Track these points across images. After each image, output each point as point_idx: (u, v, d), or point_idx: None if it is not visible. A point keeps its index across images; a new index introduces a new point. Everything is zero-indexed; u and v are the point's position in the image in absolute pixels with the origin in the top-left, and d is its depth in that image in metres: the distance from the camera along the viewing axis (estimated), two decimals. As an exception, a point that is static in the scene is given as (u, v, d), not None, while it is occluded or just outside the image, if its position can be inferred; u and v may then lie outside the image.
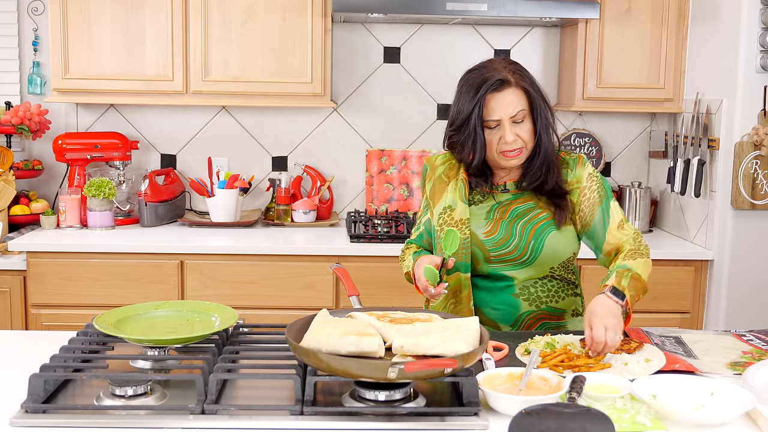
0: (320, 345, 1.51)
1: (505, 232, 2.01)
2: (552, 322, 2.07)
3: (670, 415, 1.46)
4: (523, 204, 2.04)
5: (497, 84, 1.93)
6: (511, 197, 2.05)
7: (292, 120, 3.72)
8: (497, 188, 2.07)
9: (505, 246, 2.01)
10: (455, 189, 2.07)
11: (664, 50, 3.38)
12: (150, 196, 3.41)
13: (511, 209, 2.04)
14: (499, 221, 2.03)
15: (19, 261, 3.11)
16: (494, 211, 2.04)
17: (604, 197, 2.03)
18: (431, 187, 2.14)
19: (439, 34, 3.69)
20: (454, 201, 2.05)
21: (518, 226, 2.01)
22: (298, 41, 3.32)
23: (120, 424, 1.42)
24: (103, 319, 1.76)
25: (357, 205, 3.79)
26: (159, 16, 3.28)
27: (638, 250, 1.95)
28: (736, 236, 3.09)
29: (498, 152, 1.97)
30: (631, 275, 1.85)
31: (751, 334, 2.03)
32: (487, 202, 2.06)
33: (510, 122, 1.94)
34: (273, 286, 3.13)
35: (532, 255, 2.00)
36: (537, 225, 2.00)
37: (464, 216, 2.03)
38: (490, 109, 1.94)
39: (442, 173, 2.12)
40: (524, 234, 2.00)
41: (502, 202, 2.05)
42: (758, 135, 2.99)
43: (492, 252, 2.01)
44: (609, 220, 2.01)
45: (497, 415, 1.48)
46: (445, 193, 2.09)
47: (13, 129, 3.40)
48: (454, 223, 2.03)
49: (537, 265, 2.01)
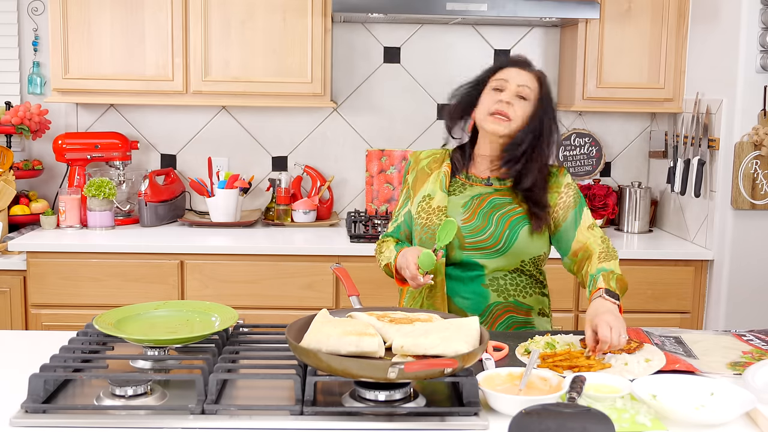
0: (320, 345, 1.51)
1: (482, 221, 2.06)
2: (519, 316, 2.10)
3: (670, 415, 1.46)
4: (502, 197, 2.09)
5: (520, 62, 2.09)
6: (491, 191, 2.10)
7: (292, 120, 3.72)
8: (481, 181, 2.12)
9: (481, 233, 2.05)
10: (436, 180, 2.14)
11: (664, 50, 3.38)
12: (150, 196, 3.41)
13: (489, 200, 2.09)
14: (476, 210, 2.08)
15: (19, 261, 3.11)
16: (473, 201, 2.10)
17: (578, 203, 2.10)
18: (413, 178, 2.20)
19: (439, 34, 3.69)
20: (434, 190, 2.12)
21: (495, 216, 2.06)
22: (298, 41, 3.32)
23: (120, 424, 1.42)
24: (103, 319, 1.76)
25: (357, 205, 3.79)
26: (159, 16, 3.28)
27: (608, 251, 2.01)
28: (736, 236, 3.09)
29: (488, 113, 2.03)
30: (615, 277, 1.91)
31: (751, 334, 2.03)
32: (467, 193, 2.12)
33: (514, 90, 2.03)
34: (273, 286, 3.12)
35: (506, 245, 2.04)
36: (513, 217, 2.06)
37: (442, 204, 2.09)
38: (503, 72, 2.06)
39: (425, 165, 2.19)
40: (500, 224, 2.05)
41: (482, 194, 2.10)
42: (758, 135, 2.99)
43: (467, 239, 2.05)
44: (580, 221, 2.08)
45: (497, 415, 1.48)
46: (426, 183, 2.15)
47: (13, 129, 3.40)
48: (432, 211, 2.09)
49: (509, 256, 2.06)
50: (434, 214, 2.08)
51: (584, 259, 2.03)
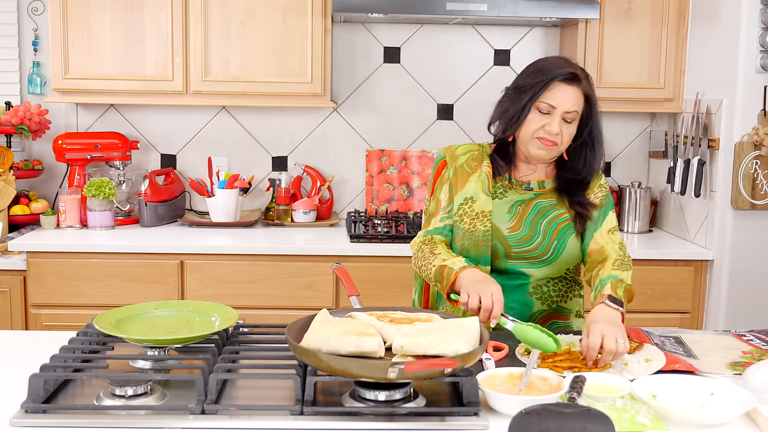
0: (320, 345, 1.51)
1: (529, 230, 2.01)
2: (561, 321, 2.09)
3: (670, 415, 1.46)
4: (546, 200, 2.05)
5: (569, 75, 1.95)
6: (532, 195, 2.06)
7: (292, 120, 3.72)
8: (520, 185, 2.06)
9: (528, 243, 2.01)
10: (478, 180, 2.04)
11: (664, 50, 3.38)
12: (150, 196, 3.41)
13: (534, 204, 2.04)
14: (522, 217, 2.02)
15: (19, 261, 3.11)
16: (517, 206, 2.04)
17: (605, 204, 2.07)
18: (453, 173, 2.08)
19: (439, 34, 3.69)
20: (477, 192, 2.03)
21: (542, 224, 2.01)
22: (298, 41, 3.32)
23: (120, 424, 1.42)
24: (103, 319, 1.76)
25: (357, 205, 3.79)
26: (159, 16, 3.28)
27: (623, 261, 1.98)
28: (736, 236, 3.09)
29: (533, 137, 1.96)
30: (624, 287, 1.89)
31: (751, 334, 2.03)
32: (510, 197, 2.05)
33: (561, 115, 1.95)
34: (273, 286, 3.12)
35: (554, 254, 2.01)
36: (560, 225, 2.02)
37: (486, 208, 2.01)
38: (551, 94, 1.95)
39: (464, 163, 2.08)
40: (548, 233, 2.01)
41: (525, 198, 2.05)
42: (758, 135, 2.99)
43: (514, 248, 2.01)
44: (602, 223, 2.04)
45: (497, 415, 1.48)
46: (467, 183, 2.05)
47: (13, 129, 3.40)
48: (475, 215, 2.01)
49: (555, 265, 2.03)
50: (478, 219, 2.01)
51: (598, 261, 2.01)
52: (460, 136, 3.72)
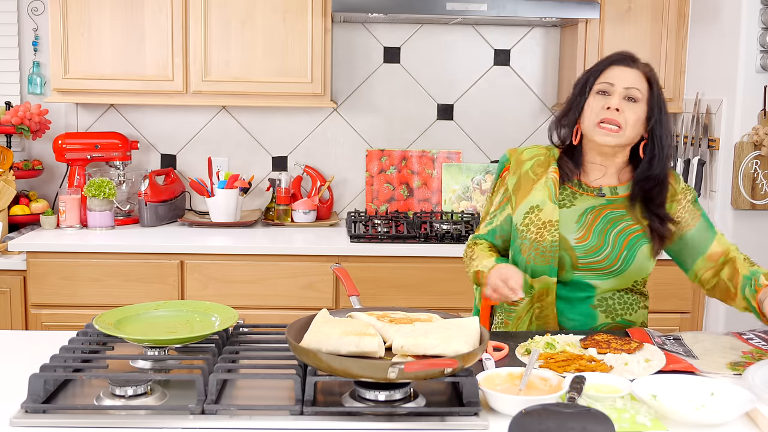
0: (320, 345, 1.51)
1: (598, 240, 1.94)
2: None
3: (670, 415, 1.46)
4: (617, 210, 1.97)
5: (624, 58, 1.93)
6: (604, 202, 1.98)
7: (292, 120, 3.72)
8: (591, 190, 2.00)
9: (596, 254, 1.94)
10: (544, 188, 1.97)
11: (664, 50, 3.38)
12: (150, 196, 3.41)
13: (604, 214, 1.96)
14: (591, 227, 1.95)
15: (19, 261, 3.11)
16: (586, 215, 1.96)
17: (700, 207, 2.02)
18: (515, 182, 2.01)
19: (439, 34, 3.69)
20: (543, 201, 1.96)
21: (611, 234, 1.94)
22: (298, 41, 3.32)
23: (120, 424, 1.42)
24: (103, 319, 1.76)
25: (357, 205, 3.79)
26: (159, 16, 3.28)
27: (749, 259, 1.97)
28: (736, 236, 3.09)
29: (596, 122, 1.90)
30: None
31: (752, 333, 2.03)
32: (579, 205, 1.98)
33: (622, 93, 1.90)
34: (273, 286, 3.12)
35: (623, 266, 1.95)
36: (630, 236, 1.95)
37: (553, 217, 1.94)
38: (608, 75, 1.92)
39: (530, 169, 2.01)
40: (617, 244, 1.94)
41: (595, 206, 1.97)
42: (758, 135, 2.99)
43: (581, 259, 1.94)
44: (715, 227, 2.01)
45: (497, 415, 1.48)
46: (532, 191, 1.98)
47: (13, 129, 3.40)
48: (542, 225, 1.94)
49: (623, 277, 1.97)
50: (545, 229, 1.93)
51: (725, 263, 1.96)
52: (460, 136, 3.72)
